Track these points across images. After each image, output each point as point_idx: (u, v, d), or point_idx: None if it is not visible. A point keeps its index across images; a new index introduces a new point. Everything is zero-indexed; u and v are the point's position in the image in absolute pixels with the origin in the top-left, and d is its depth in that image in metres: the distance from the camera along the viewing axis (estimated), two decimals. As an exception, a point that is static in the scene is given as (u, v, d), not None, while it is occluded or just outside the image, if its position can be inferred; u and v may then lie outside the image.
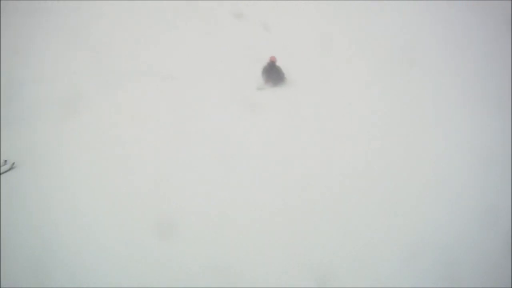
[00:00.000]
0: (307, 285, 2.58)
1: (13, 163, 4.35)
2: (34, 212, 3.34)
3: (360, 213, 3.16)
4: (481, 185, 3.43)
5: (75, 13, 8.45)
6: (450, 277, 2.48)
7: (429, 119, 4.79)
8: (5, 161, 4.37)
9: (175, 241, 2.97)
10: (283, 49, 7.61)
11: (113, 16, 8.51)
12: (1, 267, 2.72)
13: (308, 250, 2.85)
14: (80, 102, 5.87)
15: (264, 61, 7.36)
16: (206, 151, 4.23)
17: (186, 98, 5.80)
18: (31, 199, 3.52)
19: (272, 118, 5.51)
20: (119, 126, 4.84)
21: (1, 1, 7.79)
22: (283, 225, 3.08)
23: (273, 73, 7.42)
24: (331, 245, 2.89)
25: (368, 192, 3.42)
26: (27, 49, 7.38)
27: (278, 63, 7.49)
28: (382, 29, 7.59)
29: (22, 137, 4.64)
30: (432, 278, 2.42)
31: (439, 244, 2.78)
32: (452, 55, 6.75)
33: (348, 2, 8.18)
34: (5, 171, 4.25)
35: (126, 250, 2.92)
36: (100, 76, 6.76)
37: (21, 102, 5.68)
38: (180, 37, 8.05)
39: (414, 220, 3.03)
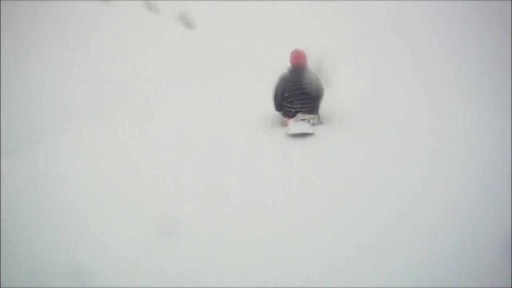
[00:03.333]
0: (306, 285, 2.57)
1: None
2: (34, 213, 3.34)
3: (359, 213, 3.16)
4: (481, 184, 3.43)
5: (75, 13, 8.48)
6: (449, 277, 2.47)
7: (428, 119, 4.79)
8: None
9: (176, 241, 2.96)
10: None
11: (112, 18, 8.53)
12: (1, 267, 2.72)
13: (308, 250, 2.83)
14: (80, 103, 5.89)
15: (278, 65, 4.55)
16: (209, 153, 4.22)
17: (188, 101, 5.80)
18: (31, 200, 3.52)
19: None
20: (121, 128, 4.84)
21: (1, 1, 7.80)
22: (285, 224, 3.07)
23: (302, 93, 4.21)
24: (329, 246, 2.88)
25: (365, 191, 3.42)
26: (27, 49, 7.40)
27: (310, 65, 4.41)
28: (381, 29, 7.60)
29: (21, 138, 4.64)
30: (431, 278, 2.41)
31: (438, 244, 2.77)
32: (451, 55, 6.76)
33: (349, 2, 8.19)
34: None
35: (126, 251, 2.92)
36: (101, 78, 6.78)
37: (21, 103, 5.69)
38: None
39: (412, 221, 3.02)
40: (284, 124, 4.39)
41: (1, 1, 7.79)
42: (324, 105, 4.60)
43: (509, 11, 6.75)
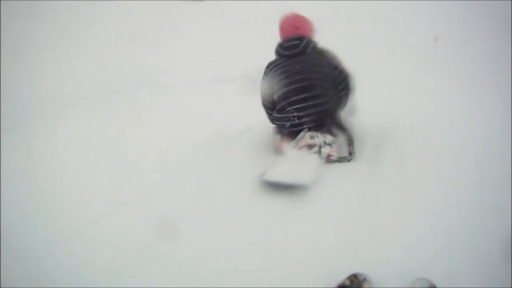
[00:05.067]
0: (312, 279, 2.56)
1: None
2: (34, 213, 3.34)
3: (355, 214, 3.15)
4: (480, 184, 3.43)
5: (76, 13, 8.50)
6: (449, 277, 2.47)
7: (428, 119, 4.80)
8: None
9: (176, 240, 2.96)
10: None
11: (114, 17, 8.55)
12: (1, 267, 2.72)
13: (313, 248, 2.82)
14: (80, 103, 5.89)
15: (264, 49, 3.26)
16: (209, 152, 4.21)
17: (190, 100, 5.80)
18: (31, 200, 3.52)
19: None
20: (121, 127, 4.85)
21: (1, 1, 7.81)
22: (288, 221, 3.06)
23: (300, 90, 2.63)
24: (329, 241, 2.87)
25: (357, 191, 3.41)
26: (27, 49, 7.41)
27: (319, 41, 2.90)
28: (380, 29, 7.61)
29: (22, 137, 4.64)
30: (430, 278, 2.41)
31: (437, 244, 2.77)
32: (451, 55, 6.76)
33: (348, 2, 8.20)
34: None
35: (127, 250, 2.92)
36: (101, 77, 6.79)
37: (21, 103, 5.69)
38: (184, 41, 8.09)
39: (411, 220, 3.02)
40: (278, 151, 2.78)
41: (1, 1, 7.80)
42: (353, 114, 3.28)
43: (509, 11, 6.75)
